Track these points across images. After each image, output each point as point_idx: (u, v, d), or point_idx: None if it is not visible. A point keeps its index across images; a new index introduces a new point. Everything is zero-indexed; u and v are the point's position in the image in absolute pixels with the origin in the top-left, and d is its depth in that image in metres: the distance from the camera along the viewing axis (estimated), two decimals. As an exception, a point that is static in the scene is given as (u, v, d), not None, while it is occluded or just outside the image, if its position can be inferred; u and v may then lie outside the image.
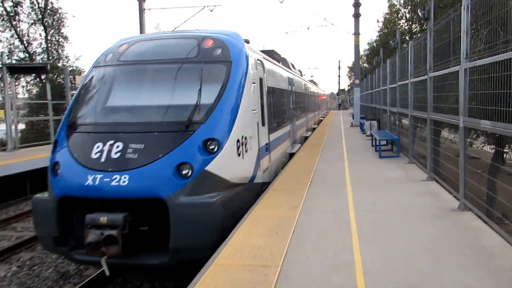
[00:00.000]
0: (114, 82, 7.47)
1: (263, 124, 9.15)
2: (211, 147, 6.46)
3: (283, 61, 17.02)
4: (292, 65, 20.59)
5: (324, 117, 40.74)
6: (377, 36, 31.43)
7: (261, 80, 9.21)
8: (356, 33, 25.55)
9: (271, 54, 14.08)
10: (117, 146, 6.23)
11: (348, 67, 78.52)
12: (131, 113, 6.98)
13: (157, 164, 6.06)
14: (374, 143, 14.06)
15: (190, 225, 5.93)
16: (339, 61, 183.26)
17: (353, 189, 7.93)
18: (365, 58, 40.57)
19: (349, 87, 77.75)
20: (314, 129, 25.61)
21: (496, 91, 4.86)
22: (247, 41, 9.54)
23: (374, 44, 33.42)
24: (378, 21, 28.01)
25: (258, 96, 8.66)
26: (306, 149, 14.84)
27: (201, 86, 6.94)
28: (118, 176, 5.95)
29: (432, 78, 7.93)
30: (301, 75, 27.14)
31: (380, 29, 27.26)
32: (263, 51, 12.49)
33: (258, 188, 8.44)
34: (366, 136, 17.62)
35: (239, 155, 6.99)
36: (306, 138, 19.86)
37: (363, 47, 42.77)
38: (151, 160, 6.06)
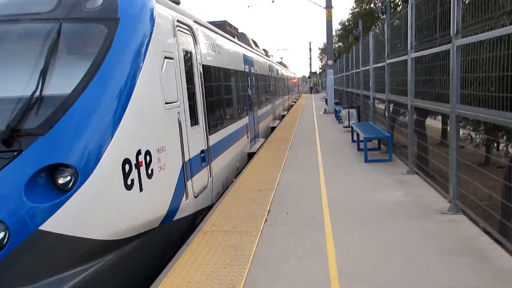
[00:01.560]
0: None
1: (195, 123, 5.96)
2: (60, 181, 3.33)
3: (240, 36, 13.74)
4: (254, 42, 17.28)
5: (295, 102, 37.80)
6: (349, 14, 28.38)
7: (189, 55, 5.94)
8: (328, 6, 22.40)
9: (222, 26, 10.88)
10: None
11: (320, 49, 75.78)
12: None
13: None
14: (355, 138, 11.08)
15: None
16: (310, 42, 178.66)
17: (335, 233, 4.82)
18: (337, 38, 37.55)
19: (320, 70, 75.02)
20: (283, 116, 22.55)
21: None
22: (177, 2, 6.31)
23: (347, 23, 30.33)
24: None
25: (182, 80, 5.43)
26: (270, 146, 11.71)
27: (48, 63, 3.69)
28: None
29: (461, 47, 4.86)
30: (267, 56, 23.86)
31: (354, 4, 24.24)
32: (212, 23, 9.28)
33: (185, 225, 5.38)
34: (344, 127, 14.63)
35: (129, 186, 3.85)
36: (273, 128, 16.80)
37: (335, 26, 39.70)
38: None
